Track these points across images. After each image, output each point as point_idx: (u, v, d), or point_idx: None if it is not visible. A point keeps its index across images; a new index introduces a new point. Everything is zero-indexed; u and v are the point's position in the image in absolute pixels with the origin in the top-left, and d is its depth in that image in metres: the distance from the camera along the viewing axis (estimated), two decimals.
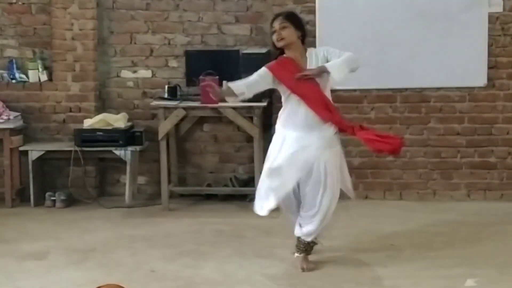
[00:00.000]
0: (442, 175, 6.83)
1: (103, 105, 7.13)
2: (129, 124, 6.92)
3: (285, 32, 4.88)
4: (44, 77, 7.03)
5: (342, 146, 5.15)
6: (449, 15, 6.60)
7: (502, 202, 6.73)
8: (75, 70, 6.98)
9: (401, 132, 6.77)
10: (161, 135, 6.55)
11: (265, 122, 6.57)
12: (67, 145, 6.84)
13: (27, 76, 7.04)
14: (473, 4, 6.59)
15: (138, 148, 6.84)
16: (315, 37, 6.58)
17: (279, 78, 4.90)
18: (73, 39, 6.94)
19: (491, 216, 6.31)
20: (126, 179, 6.79)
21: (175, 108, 6.53)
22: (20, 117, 6.96)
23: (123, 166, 6.84)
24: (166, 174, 6.59)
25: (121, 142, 6.69)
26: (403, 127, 6.82)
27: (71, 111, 7.04)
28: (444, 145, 6.82)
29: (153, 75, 7.08)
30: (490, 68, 6.69)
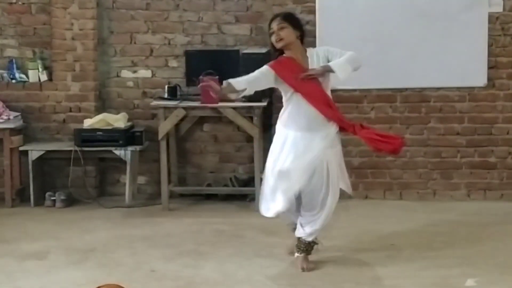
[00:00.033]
0: (442, 175, 6.83)
1: (103, 105, 7.13)
2: (129, 124, 6.92)
3: (284, 33, 4.87)
4: (44, 77, 7.03)
5: (342, 146, 5.15)
6: (449, 15, 6.61)
7: (502, 202, 6.73)
8: (75, 70, 6.98)
9: (401, 132, 6.77)
10: (161, 135, 6.55)
11: (265, 122, 6.57)
12: (67, 145, 6.84)
13: (27, 76, 7.04)
14: (473, 4, 6.59)
15: (138, 148, 6.84)
16: (315, 37, 6.58)
17: (282, 77, 4.87)
18: (73, 39, 6.94)
19: (491, 216, 6.31)
20: (126, 179, 6.79)
21: (175, 108, 6.53)
22: (20, 117, 6.95)
23: (123, 166, 6.84)
24: (166, 174, 6.59)
25: (121, 142, 6.69)
26: (403, 127, 6.82)
27: (71, 111, 7.04)
28: (444, 145, 6.82)
29: (153, 75, 7.08)
30: (490, 68, 6.69)
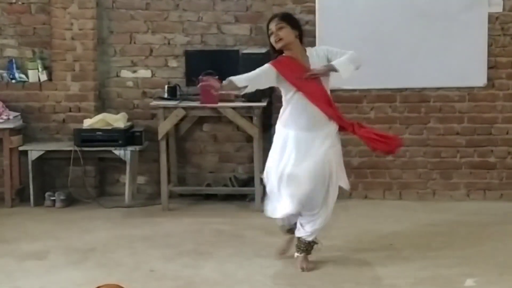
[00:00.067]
0: (442, 175, 6.83)
1: (103, 105, 7.13)
2: (129, 124, 6.92)
3: (283, 33, 4.85)
4: (44, 77, 7.03)
5: (342, 146, 5.15)
6: (449, 15, 6.61)
7: (502, 202, 6.73)
8: (75, 70, 6.98)
9: (401, 132, 6.78)
10: (161, 135, 6.55)
11: (265, 122, 6.57)
12: (67, 145, 6.84)
13: (27, 76, 7.04)
14: (473, 4, 6.59)
15: (138, 148, 6.84)
16: (315, 37, 6.58)
17: (284, 75, 4.85)
18: (73, 39, 6.94)
19: (491, 216, 6.31)
20: (126, 179, 6.79)
21: (175, 108, 6.53)
22: (20, 117, 6.95)
23: (123, 166, 6.84)
24: (166, 174, 6.59)
25: (121, 142, 6.69)
26: (403, 127, 6.82)
27: (71, 111, 7.04)
28: (444, 145, 6.82)
29: (153, 75, 7.08)
30: (490, 68, 6.69)
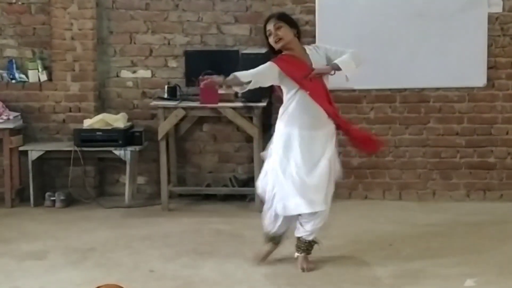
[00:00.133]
0: (442, 175, 6.83)
1: (103, 105, 7.13)
2: (129, 124, 6.92)
3: (282, 32, 4.84)
4: (44, 77, 7.03)
5: (342, 146, 5.17)
6: (449, 15, 6.61)
7: (502, 202, 6.73)
8: (75, 70, 6.98)
9: (401, 132, 6.79)
10: (161, 135, 6.55)
11: (265, 122, 6.57)
12: (67, 145, 6.85)
13: (27, 76, 7.04)
14: (473, 4, 6.59)
15: (138, 148, 6.84)
16: (315, 37, 6.58)
17: (287, 73, 4.82)
18: (73, 39, 6.94)
19: (491, 216, 6.31)
20: (126, 179, 6.79)
21: (175, 108, 6.53)
22: (20, 117, 6.95)
23: (123, 166, 6.84)
24: (166, 174, 6.59)
25: (121, 142, 6.69)
26: (402, 127, 6.82)
27: (71, 111, 7.04)
28: (444, 145, 6.81)
29: (153, 75, 7.08)
30: (490, 68, 6.68)
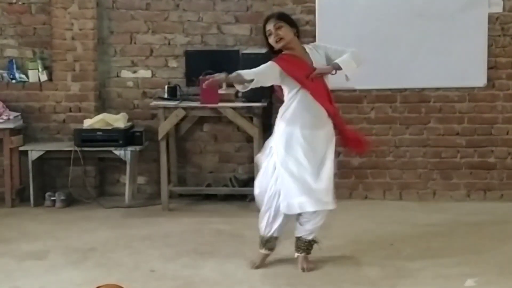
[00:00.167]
0: (442, 175, 6.83)
1: (103, 105, 7.13)
2: (129, 124, 6.92)
3: (282, 32, 4.83)
4: (44, 77, 7.03)
5: (342, 146, 5.17)
6: (449, 15, 6.61)
7: (502, 202, 6.73)
8: (75, 70, 6.98)
9: (401, 132, 6.79)
10: (161, 135, 6.55)
11: (265, 122, 6.56)
12: (67, 145, 6.85)
13: (27, 76, 7.04)
14: (473, 4, 6.59)
15: (138, 148, 6.84)
16: (315, 37, 6.57)
17: (289, 72, 4.81)
18: (73, 39, 6.94)
19: (491, 216, 6.31)
20: (126, 179, 6.79)
21: (175, 108, 6.53)
22: (20, 117, 6.96)
23: (123, 166, 6.84)
24: (166, 174, 6.59)
25: (121, 142, 6.69)
26: (403, 127, 6.82)
27: (71, 111, 7.04)
28: (444, 145, 6.81)
29: (153, 75, 7.08)
30: (490, 68, 6.68)
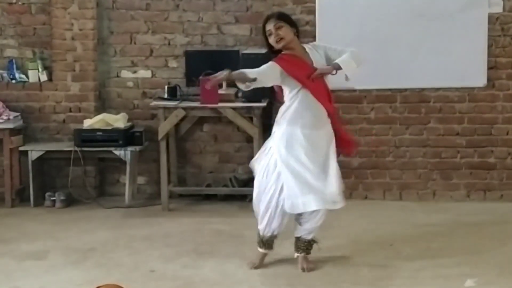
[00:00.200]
0: (442, 176, 6.83)
1: (103, 105, 7.13)
2: (129, 124, 6.92)
3: (283, 32, 4.83)
4: (44, 77, 7.03)
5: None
6: (449, 15, 6.61)
7: (502, 203, 6.73)
8: (75, 70, 6.98)
9: (401, 132, 6.79)
10: (161, 135, 6.55)
11: (265, 122, 6.56)
12: (67, 145, 6.85)
13: (27, 76, 7.04)
14: (473, 4, 6.59)
15: (138, 148, 6.84)
16: (315, 37, 6.58)
17: (289, 72, 4.80)
18: (73, 39, 6.94)
19: (491, 216, 6.31)
20: (126, 179, 6.79)
21: (175, 108, 6.53)
22: (20, 117, 6.96)
23: (123, 166, 6.84)
24: (166, 174, 6.59)
25: (121, 142, 6.69)
26: (403, 127, 6.82)
27: (71, 111, 7.04)
28: (444, 146, 6.81)
29: (153, 75, 7.08)
30: (490, 69, 6.68)
